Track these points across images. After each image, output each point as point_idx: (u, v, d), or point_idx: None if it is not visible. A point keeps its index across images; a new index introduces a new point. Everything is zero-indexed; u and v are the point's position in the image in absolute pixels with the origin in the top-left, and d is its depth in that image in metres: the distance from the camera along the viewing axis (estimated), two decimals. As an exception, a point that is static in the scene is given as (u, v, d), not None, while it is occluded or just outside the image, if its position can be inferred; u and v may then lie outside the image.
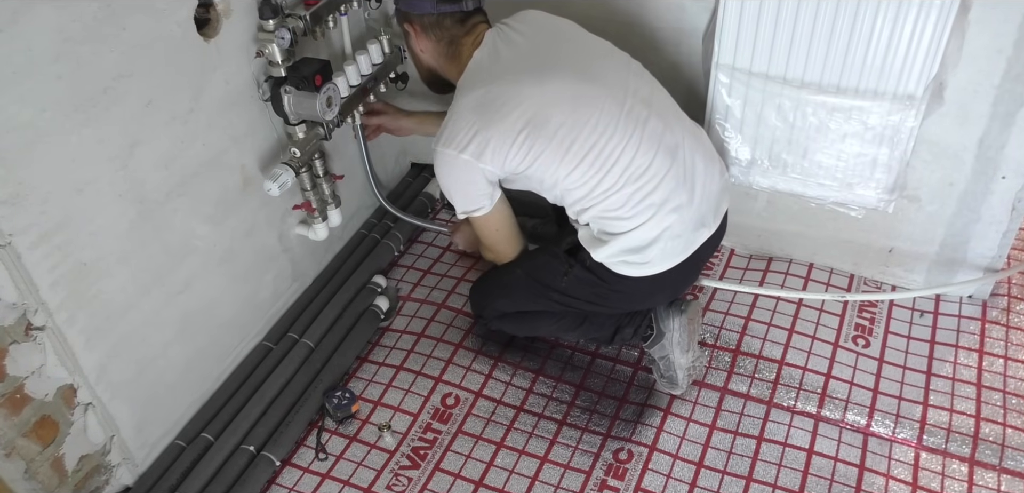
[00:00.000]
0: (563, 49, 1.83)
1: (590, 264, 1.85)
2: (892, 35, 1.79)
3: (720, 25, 1.93)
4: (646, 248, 1.79)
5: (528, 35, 1.83)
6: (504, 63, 1.79)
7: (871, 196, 2.04)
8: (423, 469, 1.91)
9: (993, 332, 2.09)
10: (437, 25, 1.83)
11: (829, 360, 2.06)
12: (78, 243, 1.58)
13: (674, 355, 1.94)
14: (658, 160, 1.76)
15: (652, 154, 1.76)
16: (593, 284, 1.87)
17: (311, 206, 2.13)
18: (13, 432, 1.56)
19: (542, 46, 1.82)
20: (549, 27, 1.88)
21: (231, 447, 1.90)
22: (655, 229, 1.77)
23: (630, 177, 1.74)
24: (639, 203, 1.76)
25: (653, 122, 1.78)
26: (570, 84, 1.75)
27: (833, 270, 2.29)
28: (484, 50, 1.82)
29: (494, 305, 2.08)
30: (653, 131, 1.77)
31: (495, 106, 1.73)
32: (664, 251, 1.80)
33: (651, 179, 1.75)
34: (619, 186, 1.75)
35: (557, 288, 1.92)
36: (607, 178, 1.74)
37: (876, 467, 1.84)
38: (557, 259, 1.92)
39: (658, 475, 1.85)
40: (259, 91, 1.93)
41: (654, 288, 1.88)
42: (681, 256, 1.83)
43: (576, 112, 1.73)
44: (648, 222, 1.77)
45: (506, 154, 1.73)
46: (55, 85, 1.45)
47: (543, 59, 1.79)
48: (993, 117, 1.86)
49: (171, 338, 1.86)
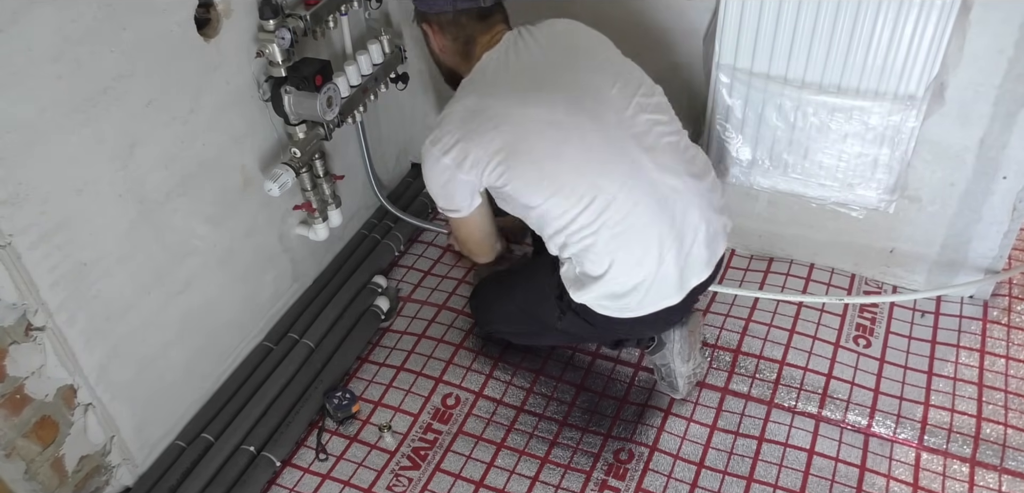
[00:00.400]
0: (569, 71, 1.74)
1: (578, 308, 1.79)
2: (893, 35, 1.78)
3: (721, 25, 1.92)
4: (626, 295, 1.71)
5: (543, 46, 1.77)
6: (509, 73, 1.74)
7: (872, 196, 2.03)
8: (424, 469, 1.91)
9: (994, 332, 2.09)
10: (454, 23, 1.79)
11: (830, 360, 2.05)
12: (78, 243, 1.58)
13: (675, 364, 1.93)
14: (643, 205, 1.66)
15: (635, 198, 1.66)
16: (585, 326, 1.83)
17: (311, 206, 2.13)
18: (13, 433, 1.55)
19: (550, 63, 1.75)
20: (567, 41, 1.80)
21: (231, 448, 1.90)
22: (635, 276, 1.69)
23: (607, 221, 1.66)
24: (616, 247, 1.68)
25: (645, 164, 1.68)
26: (559, 112, 1.67)
27: (834, 270, 2.29)
28: (495, 53, 1.77)
29: (495, 327, 2.09)
30: (642, 174, 1.67)
31: (480, 120, 1.68)
32: (646, 298, 1.72)
33: (632, 225, 1.67)
34: (594, 228, 1.67)
35: (553, 327, 1.89)
36: (583, 216, 1.67)
37: (877, 468, 1.83)
38: (550, 302, 1.86)
39: (659, 475, 1.85)
40: (259, 91, 1.92)
41: (646, 326, 1.82)
42: (664, 303, 1.74)
43: (558, 143, 1.66)
44: (627, 268, 1.69)
45: (483, 170, 1.69)
46: (55, 85, 1.45)
47: (544, 78, 1.72)
48: (994, 117, 1.86)
49: (171, 338, 1.86)
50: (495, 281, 2.15)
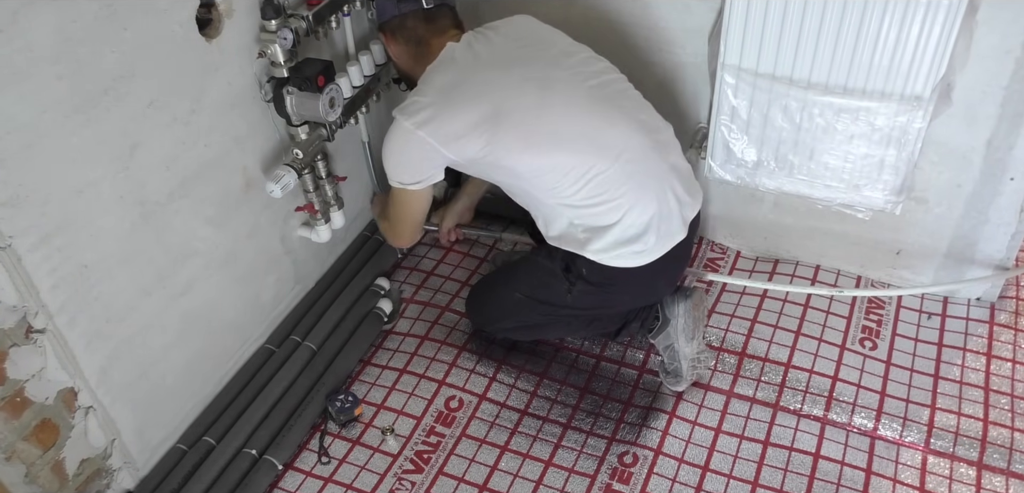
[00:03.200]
0: (536, 49, 1.83)
1: (588, 274, 1.82)
2: (899, 35, 1.77)
3: (726, 25, 1.91)
4: (641, 237, 1.76)
5: (506, 36, 1.85)
6: (478, 57, 1.80)
7: (878, 198, 2.02)
8: (427, 473, 1.90)
9: (1001, 335, 2.08)
10: (402, 27, 1.88)
11: (836, 363, 2.04)
12: (79, 245, 1.57)
13: (679, 343, 1.93)
14: (636, 141, 1.76)
15: (630, 137, 1.76)
16: (597, 292, 1.86)
17: (314, 208, 2.12)
18: (13, 436, 1.54)
19: (517, 46, 1.83)
20: (529, 29, 1.89)
21: (233, 451, 1.89)
22: (647, 213, 1.75)
23: (611, 164, 1.73)
24: (628, 188, 1.73)
25: (628, 108, 1.80)
26: (536, 73, 1.76)
27: (840, 272, 2.28)
28: (459, 45, 1.83)
29: (498, 325, 2.09)
30: (630, 116, 1.79)
31: (459, 91, 1.73)
32: (658, 237, 1.78)
33: (634, 160, 1.74)
34: (599, 171, 1.72)
35: (563, 304, 1.90)
36: (583, 163, 1.72)
37: (883, 471, 1.82)
38: (557, 277, 1.89)
39: (663, 479, 1.84)
40: (261, 92, 1.91)
41: (656, 275, 1.84)
42: (674, 239, 1.81)
43: (542, 101, 1.73)
44: (640, 207, 1.75)
45: (463, 141, 1.72)
46: (55, 86, 1.44)
47: (514, 55, 1.80)
48: (1001, 118, 1.85)
49: (172, 341, 1.85)
50: (492, 279, 2.16)
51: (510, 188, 1.86)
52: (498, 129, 1.71)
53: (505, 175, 1.80)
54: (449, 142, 1.72)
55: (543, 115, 1.72)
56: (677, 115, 2.18)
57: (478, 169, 1.82)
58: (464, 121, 1.71)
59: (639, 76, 1.94)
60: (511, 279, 2.04)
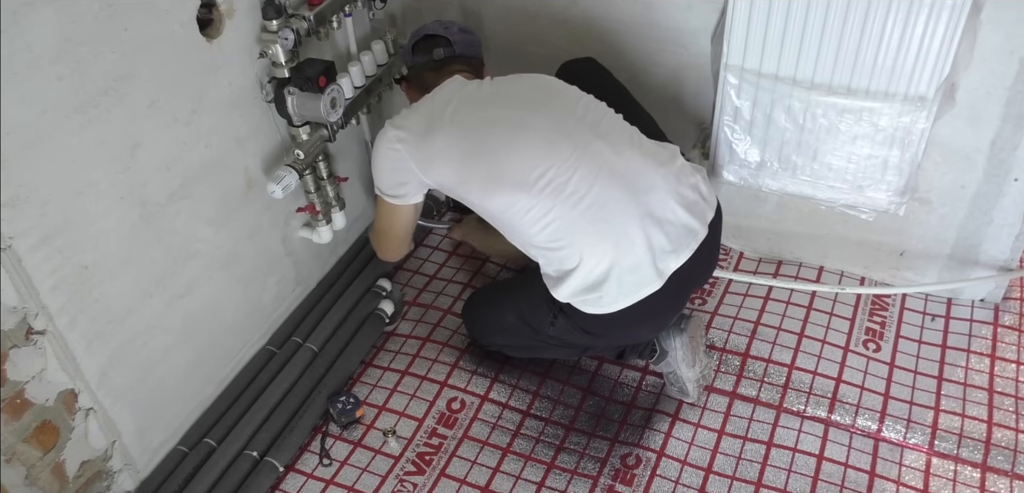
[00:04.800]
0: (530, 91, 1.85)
1: (567, 310, 1.77)
2: (903, 36, 1.77)
3: (729, 25, 1.91)
4: (601, 284, 1.70)
5: (507, 81, 1.89)
6: (473, 93, 1.85)
7: (882, 199, 2.02)
8: (428, 475, 1.89)
9: (1006, 337, 2.07)
10: (417, 76, 2.03)
11: (839, 364, 2.03)
12: (79, 246, 1.56)
13: (681, 370, 1.92)
14: (600, 184, 1.68)
15: (591, 178, 1.68)
16: (576, 331, 1.81)
17: (315, 209, 2.11)
18: (13, 437, 1.54)
19: (507, 86, 1.87)
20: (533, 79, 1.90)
21: (234, 453, 1.89)
22: (604, 261, 1.68)
23: (566, 203, 1.68)
24: (582, 232, 1.68)
25: (601, 148, 1.71)
26: (515, 113, 1.77)
27: (844, 274, 2.27)
28: (457, 79, 1.89)
29: (491, 340, 2.08)
30: (598, 156, 1.70)
31: (443, 120, 1.78)
32: (622, 288, 1.70)
33: (592, 204, 1.67)
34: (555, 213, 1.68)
35: (548, 334, 1.88)
36: (540, 203, 1.69)
37: (887, 473, 1.82)
38: (542, 307, 1.84)
39: (666, 481, 1.83)
40: (262, 92, 1.91)
41: (634, 320, 1.75)
42: (644, 290, 1.70)
43: (511, 137, 1.73)
44: (595, 253, 1.68)
45: (438, 164, 1.77)
46: (56, 86, 1.44)
47: (505, 94, 1.84)
48: (1005, 118, 1.85)
49: (173, 342, 1.84)
50: (489, 292, 2.15)
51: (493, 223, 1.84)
52: (469, 163, 1.75)
53: (478, 209, 1.82)
54: (423, 164, 1.79)
55: (507, 156, 1.72)
56: (680, 116, 2.18)
57: (460, 198, 1.83)
58: (438, 147, 1.77)
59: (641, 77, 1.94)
60: (504, 299, 2.02)
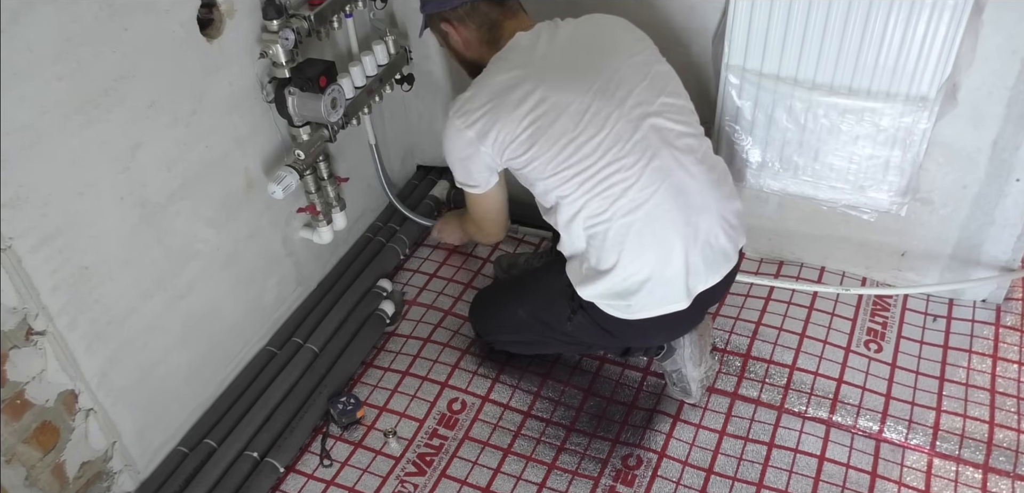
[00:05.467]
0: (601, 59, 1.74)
1: (588, 307, 1.77)
2: (905, 36, 1.77)
3: (730, 25, 1.91)
4: (633, 294, 1.70)
5: (578, 35, 1.78)
6: (539, 54, 1.74)
7: (883, 199, 2.02)
8: (429, 476, 1.89)
9: (1007, 337, 2.07)
10: (474, 12, 1.80)
11: (841, 365, 2.03)
12: (79, 246, 1.56)
13: (686, 369, 1.91)
14: (659, 197, 1.65)
15: (653, 188, 1.65)
16: (595, 329, 1.81)
17: (315, 209, 2.11)
18: (14, 438, 1.54)
19: (583, 48, 1.75)
20: (604, 32, 1.80)
21: (234, 453, 1.88)
22: (641, 272, 1.67)
23: (622, 207, 1.65)
24: (626, 237, 1.66)
25: (666, 158, 1.67)
26: (587, 97, 1.67)
27: (845, 274, 2.27)
28: (528, 35, 1.77)
29: (498, 338, 2.07)
30: (662, 167, 1.66)
31: (510, 97, 1.68)
32: (651, 299, 1.70)
33: (646, 215, 1.65)
34: (609, 214, 1.66)
35: (562, 330, 1.87)
36: (598, 200, 1.66)
37: (888, 474, 1.81)
38: (560, 302, 1.83)
39: (668, 482, 1.83)
40: (263, 92, 1.91)
41: (654, 329, 1.77)
42: (670, 307, 1.71)
43: (582, 126, 1.66)
44: (634, 262, 1.67)
45: (505, 148, 1.70)
46: (56, 86, 1.43)
47: (575, 63, 1.73)
48: (1007, 118, 1.84)
49: (173, 343, 1.84)
50: (498, 288, 2.14)
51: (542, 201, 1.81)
52: (533, 147, 1.68)
53: (535, 188, 1.77)
54: (494, 146, 1.71)
55: (572, 148, 1.66)
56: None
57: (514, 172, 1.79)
58: (507, 131, 1.68)
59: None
60: (517, 295, 2.00)
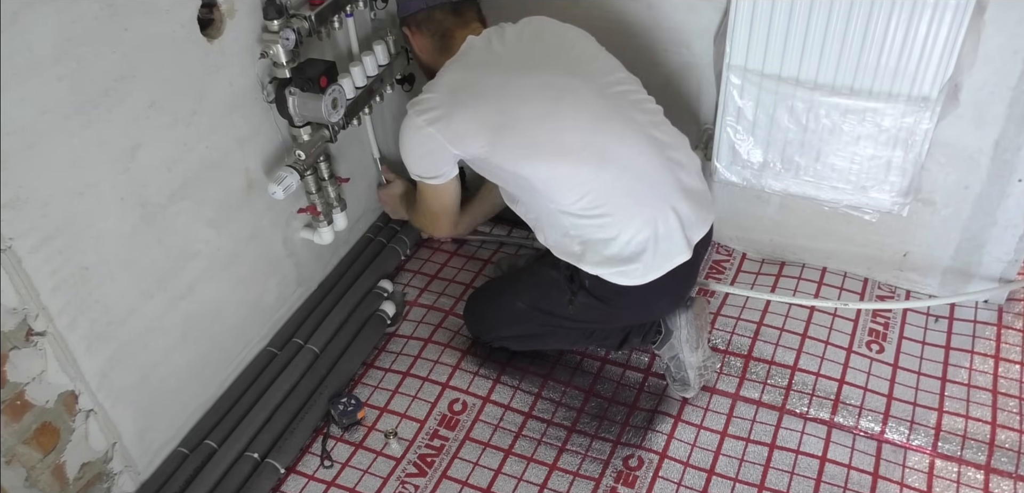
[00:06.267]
0: (554, 50, 1.83)
1: (590, 286, 1.80)
2: (906, 36, 1.76)
3: (732, 25, 1.90)
4: (638, 257, 1.73)
5: (526, 35, 1.86)
6: (494, 54, 1.81)
7: (885, 199, 2.01)
8: (430, 477, 1.88)
9: (1009, 337, 2.06)
10: (429, 19, 1.90)
11: (842, 366, 2.03)
12: (79, 247, 1.56)
13: (684, 353, 1.91)
14: (644, 157, 1.73)
15: (637, 150, 1.73)
16: (598, 306, 1.84)
17: (316, 209, 2.11)
18: (14, 439, 1.53)
19: (535, 45, 1.84)
20: (550, 30, 1.89)
21: (235, 454, 1.88)
22: (644, 232, 1.72)
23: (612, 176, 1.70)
24: (625, 204, 1.71)
25: (640, 120, 1.77)
26: (548, 76, 1.75)
27: (847, 274, 2.26)
28: (479, 39, 1.85)
29: (497, 334, 2.07)
30: (640, 129, 1.75)
31: (468, 92, 1.75)
32: (656, 257, 1.74)
33: (637, 176, 1.72)
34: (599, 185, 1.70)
35: (564, 315, 1.89)
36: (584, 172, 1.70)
37: (890, 475, 1.81)
38: (559, 286, 1.87)
39: (669, 483, 1.83)
40: (263, 93, 1.90)
41: (659, 294, 1.81)
42: (676, 259, 1.76)
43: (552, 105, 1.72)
44: (637, 225, 1.72)
45: (469, 140, 1.74)
46: (56, 86, 1.43)
47: (530, 55, 1.81)
48: (1009, 119, 1.84)
49: (174, 343, 1.84)
50: (491, 287, 2.15)
51: (508, 192, 1.87)
52: (502, 133, 1.72)
53: (505, 177, 1.81)
54: (455, 141, 1.75)
55: (549, 123, 1.71)
56: (682, 117, 2.16)
57: (480, 167, 1.83)
58: (470, 121, 1.73)
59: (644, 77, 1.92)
60: (513, 287, 2.02)
